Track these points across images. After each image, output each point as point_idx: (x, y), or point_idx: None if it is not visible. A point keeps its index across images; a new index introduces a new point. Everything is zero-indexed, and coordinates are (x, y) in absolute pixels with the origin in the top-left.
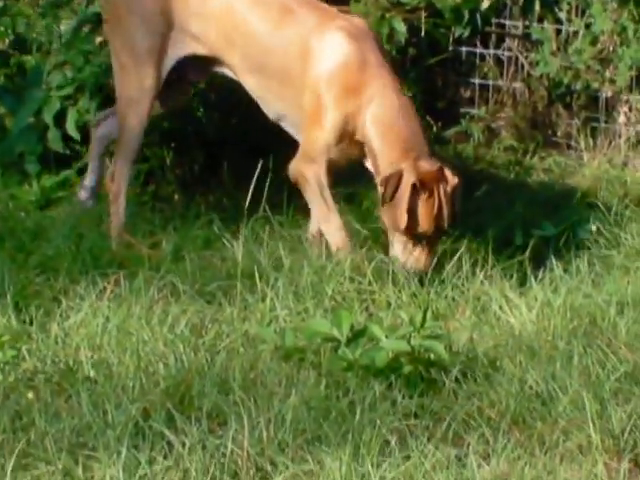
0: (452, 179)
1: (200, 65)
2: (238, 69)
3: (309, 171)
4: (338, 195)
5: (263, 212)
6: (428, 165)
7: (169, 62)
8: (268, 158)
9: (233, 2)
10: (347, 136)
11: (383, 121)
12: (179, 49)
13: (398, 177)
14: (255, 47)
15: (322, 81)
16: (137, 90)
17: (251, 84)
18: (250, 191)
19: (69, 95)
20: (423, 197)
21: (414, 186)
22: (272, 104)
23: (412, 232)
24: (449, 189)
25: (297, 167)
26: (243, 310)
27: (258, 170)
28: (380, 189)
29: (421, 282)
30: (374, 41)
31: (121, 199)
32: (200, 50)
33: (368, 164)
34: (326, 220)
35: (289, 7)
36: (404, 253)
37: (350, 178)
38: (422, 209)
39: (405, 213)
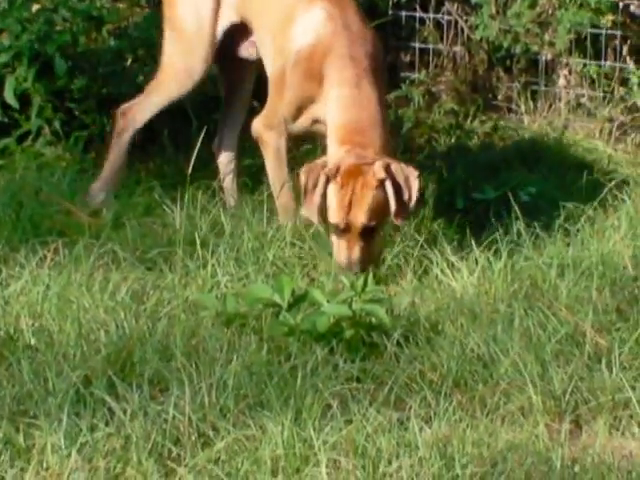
0: (377, 173)
1: (243, 39)
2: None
3: (268, 136)
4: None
5: (204, 179)
6: (358, 158)
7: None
8: (208, 124)
9: None
10: (306, 116)
11: (337, 111)
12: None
13: (319, 167)
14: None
15: (291, 56)
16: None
17: (256, 40)
18: (193, 158)
19: (7, 63)
20: (335, 188)
21: (327, 177)
22: (265, 63)
23: (331, 225)
24: (372, 183)
25: (258, 129)
26: (184, 276)
27: (202, 136)
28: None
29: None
30: (355, 24)
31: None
32: (233, 17)
33: None
34: (276, 183)
35: None
36: (335, 249)
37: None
38: (333, 200)
39: (315, 203)
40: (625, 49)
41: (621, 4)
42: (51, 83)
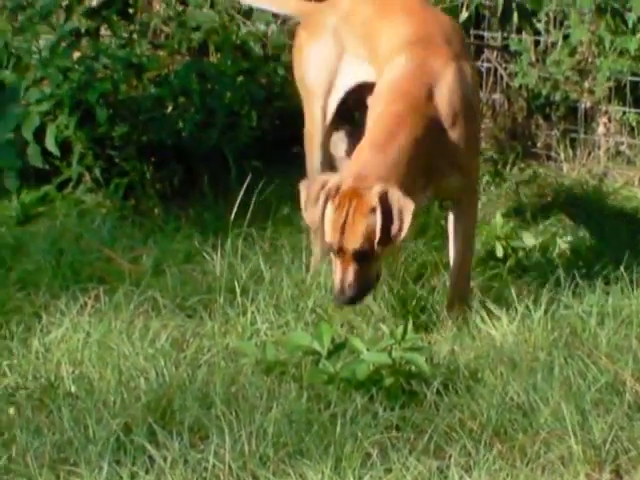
0: (371, 200)
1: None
2: None
3: None
4: None
5: (245, 227)
6: (357, 181)
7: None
8: (247, 171)
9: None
10: None
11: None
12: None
13: (318, 185)
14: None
15: None
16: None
17: None
18: (235, 205)
19: (48, 111)
20: (331, 209)
21: (326, 196)
22: None
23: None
24: (365, 209)
25: None
26: (224, 324)
27: (246, 184)
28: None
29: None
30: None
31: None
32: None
33: None
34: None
35: None
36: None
37: None
38: (328, 221)
39: (316, 219)
40: None
41: None
42: (92, 131)
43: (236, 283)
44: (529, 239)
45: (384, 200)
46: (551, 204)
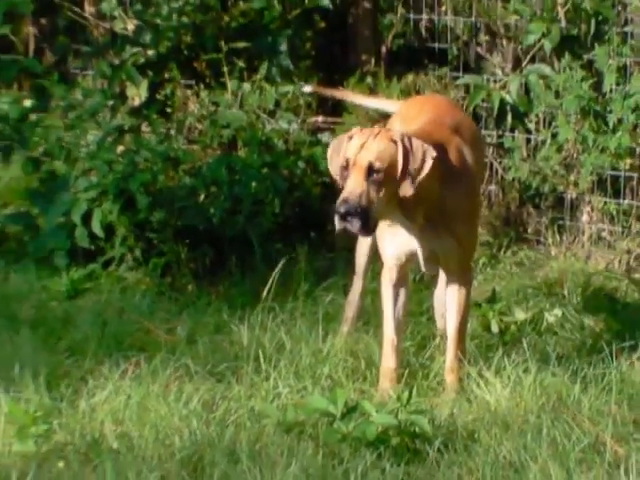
0: (395, 135)
1: None
2: None
3: None
4: None
5: (269, 301)
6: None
7: None
8: (270, 253)
9: None
10: None
11: None
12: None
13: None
14: None
15: None
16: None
17: None
18: (269, 284)
19: (94, 198)
20: (354, 135)
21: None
22: None
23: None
24: (387, 136)
25: None
26: (249, 388)
27: (278, 267)
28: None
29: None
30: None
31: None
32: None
33: None
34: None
35: None
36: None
37: None
38: (350, 143)
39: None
40: None
41: (638, 149)
42: (133, 216)
43: (260, 352)
44: (520, 314)
45: (406, 141)
46: (540, 283)
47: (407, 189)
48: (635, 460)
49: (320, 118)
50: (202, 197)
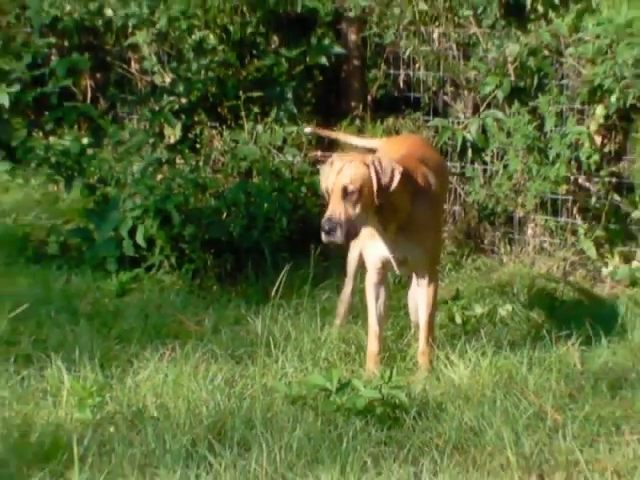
0: (366, 159)
1: None
2: None
3: None
4: None
5: (278, 299)
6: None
7: None
8: (278, 260)
9: None
10: None
11: None
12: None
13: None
14: None
15: None
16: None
17: None
18: (277, 285)
19: (138, 216)
20: (337, 161)
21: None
22: None
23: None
24: (360, 161)
25: None
26: (262, 368)
27: (285, 271)
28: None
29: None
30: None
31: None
32: None
33: None
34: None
35: None
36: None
37: None
38: (332, 167)
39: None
40: (575, 209)
41: (572, 177)
42: (169, 230)
43: (271, 339)
44: (478, 309)
45: (376, 162)
46: (494, 284)
47: (380, 198)
48: (570, 426)
49: (319, 152)
50: (224, 215)
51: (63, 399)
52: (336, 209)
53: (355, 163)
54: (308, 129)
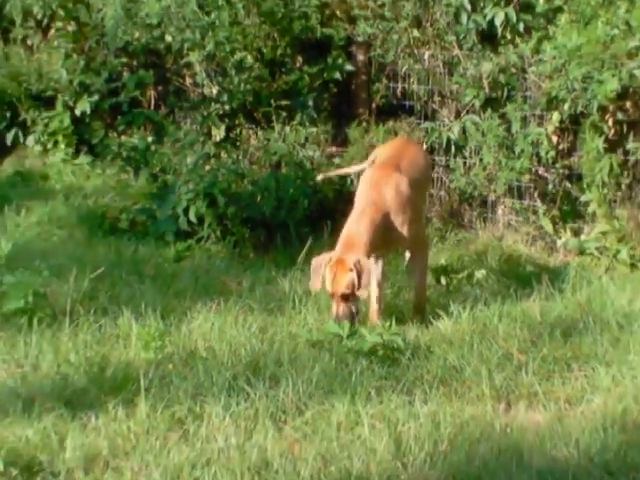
0: (349, 265)
1: None
2: None
3: None
4: None
5: (302, 264)
6: (346, 255)
7: None
8: (301, 234)
9: None
10: None
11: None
12: None
13: (323, 259)
14: None
15: None
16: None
17: None
18: (302, 254)
19: (191, 198)
20: (328, 270)
21: (326, 264)
22: None
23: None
24: (346, 269)
25: None
26: (289, 319)
27: (308, 244)
28: (312, 264)
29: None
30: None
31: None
32: None
33: None
34: None
35: None
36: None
37: None
38: (327, 278)
39: (319, 279)
40: (535, 194)
41: (533, 169)
42: (215, 210)
43: (296, 296)
44: (459, 273)
45: (357, 264)
46: (472, 254)
47: (363, 294)
48: (532, 364)
49: (334, 148)
50: (258, 198)
51: (132, 342)
52: (342, 311)
53: (344, 270)
54: (320, 176)
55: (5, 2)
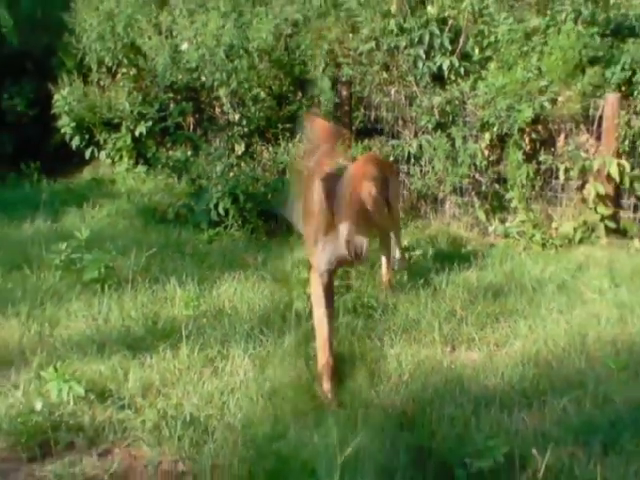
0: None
1: None
2: None
3: None
4: None
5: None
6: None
7: None
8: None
9: None
10: None
11: None
12: None
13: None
14: None
15: None
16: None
17: None
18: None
19: (219, 197)
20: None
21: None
22: None
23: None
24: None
25: None
26: (291, 285)
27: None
28: None
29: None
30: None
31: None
32: None
33: None
34: None
35: None
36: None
37: None
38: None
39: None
40: (473, 193)
41: (471, 174)
42: (237, 205)
43: (298, 270)
44: (418, 250)
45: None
46: (426, 236)
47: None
48: (470, 318)
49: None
50: (269, 197)
51: (176, 303)
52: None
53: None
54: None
55: (85, 55)
